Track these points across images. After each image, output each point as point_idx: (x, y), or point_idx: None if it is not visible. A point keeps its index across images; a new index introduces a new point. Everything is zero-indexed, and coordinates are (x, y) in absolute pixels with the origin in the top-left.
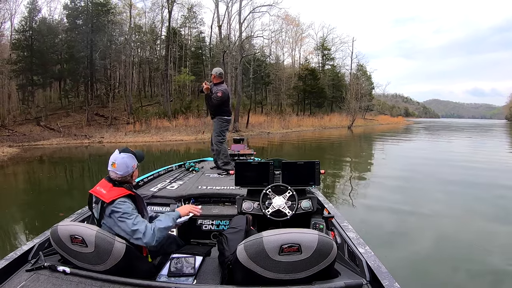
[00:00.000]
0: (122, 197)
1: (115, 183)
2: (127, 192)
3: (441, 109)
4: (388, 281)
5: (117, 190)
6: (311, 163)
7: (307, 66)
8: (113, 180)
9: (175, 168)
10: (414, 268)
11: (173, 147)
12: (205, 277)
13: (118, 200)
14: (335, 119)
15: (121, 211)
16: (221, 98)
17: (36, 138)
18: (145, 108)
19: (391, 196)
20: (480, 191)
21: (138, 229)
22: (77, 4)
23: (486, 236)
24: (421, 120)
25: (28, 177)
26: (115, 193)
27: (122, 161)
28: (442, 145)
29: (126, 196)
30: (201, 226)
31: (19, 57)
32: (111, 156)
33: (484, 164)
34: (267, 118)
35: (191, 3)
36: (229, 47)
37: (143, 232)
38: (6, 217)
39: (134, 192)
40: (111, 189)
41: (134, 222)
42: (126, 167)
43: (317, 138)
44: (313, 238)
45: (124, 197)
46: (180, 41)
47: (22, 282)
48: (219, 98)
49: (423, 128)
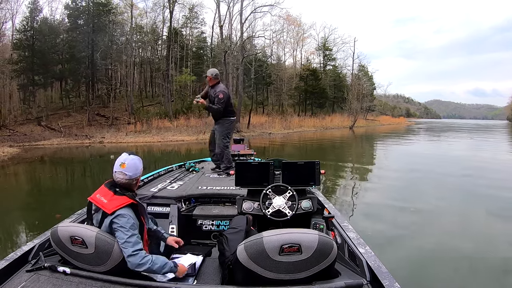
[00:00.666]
0: (124, 207)
1: (116, 191)
2: (129, 201)
3: (443, 109)
4: (389, 281)
5: (119, 199)
6: (311, 163)
7: (309, 66)
8: (114, 187)
9: (175, 169)
10: (413, 268)
11: (174, 148)
12: (205, 278)
13: (119, 211)
14: (337, 119)
15: (119, 223)
16: (223, 101)
17: (37, 138)
18: (146, 108)
19: (394, 197)
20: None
21: (127, 249)
22: (78, 4)
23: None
24: (422, 120)
25: (28, 178)
26: (117, 202)
27: (132, 162)
28: (447, 147)
29: (128, 206)
30: (202, 227)
31: (20, 57)
32: (119, 158)
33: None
34: (269, 118)
35: (193, 3)
36: (231, 47)
37: (128, 254)
38: (4, 218)
39: (136, 201)
40: (113, 198)
41: (127, 240)
42: (136, 169)
43: (318, 139)
44: (313, 238)
45: (126, 207)
46: (181, 41)
47: (22, 282)
48: (221, 101)
49: (425, 129)
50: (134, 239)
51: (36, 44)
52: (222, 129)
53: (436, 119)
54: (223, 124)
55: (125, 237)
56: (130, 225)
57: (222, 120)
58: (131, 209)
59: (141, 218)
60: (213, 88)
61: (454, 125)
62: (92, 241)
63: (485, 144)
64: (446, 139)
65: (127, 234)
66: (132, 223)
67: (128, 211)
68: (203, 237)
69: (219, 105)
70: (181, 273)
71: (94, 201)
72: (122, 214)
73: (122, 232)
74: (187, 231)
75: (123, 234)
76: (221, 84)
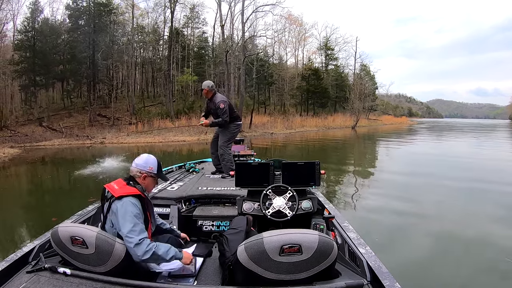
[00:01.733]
0: (131, 196)
1: (129, 183)
2: (138, 193)
3: (445, 109)
4: (389, 281)
5: (129, 188)
6: (311, 164)
7: (310, 66)
8: (128, 180)
9: (176, 169)
10: (414, 268)
11: (175, 148)
12: (205, 278)
13: (126, 198)
14: (339, 119)
15: (123, 210)
16: (225, 110)
17: (38, 138)
18: (147, 109)
19: (399, 202)
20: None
21: (132, 238)
22: (79, 4)
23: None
24: (424, 120)
25: (27, 179)
26: (126, 190)
27: (147, 157)
28: (452, 146)
29: (136, 196)
30: (202, 227)
31: (22, 58)
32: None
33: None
34: (271, 118)
35: (194, 3)
36: (232, 47)
37: (135, 243)
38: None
39: (145, 195)
40: (124, 186)
41: (133, 229)
42: (145, 163)
43: (321, 139)
44: (313, 239)
45: (133, 196)
46: (182, 42)
47: (22, 283)
48: (224, 111)
49: (428, 128)
50: (139, 227)
51: (37, 45)
52: (227, 132)
53: (438, 118)
54: (233, 127)
55: (130, 226)
56: (135, 214)
57: (231, 125)
58: (138, 200)
59: (147, 213)
60: (211, 101)
61: (457, 125)
62: (93, 241)
63: (494, 143)
64: (455, 138)
65: (132, 222)
66: (137, 213)
67: (135, 201)
68: (203, 238)
69: (223, 117)
70: (187, 259)
71: (108, 187)
72: (129, 201)
73: (127, 221)
74: (187, 231)
75: (128, 223)
76: (218, 94)
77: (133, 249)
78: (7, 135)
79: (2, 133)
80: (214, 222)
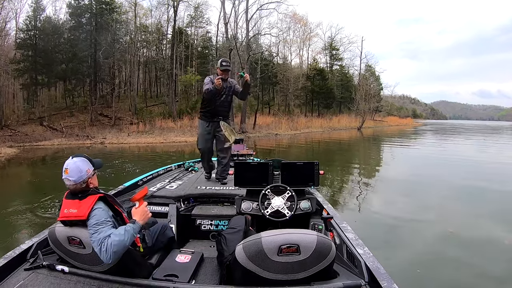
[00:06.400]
0: (96, 203)
1: (79, 197)
2: (97, 196)
3: (449, 110)
4: (387, 282)
5: (87, 201)
6: (310, 164)
7: (315, 66)
8: (74, 195)
9: (174, 168)
10: (413, 269)
11: (176, 148)
12: (203, 277)
13: (93, 208)
14: (344, 120)
15: (93, 221)
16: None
17: (38, 138)
18: (149, 109)
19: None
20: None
21: (96, 247)
22: (80, 2)
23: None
24: (429, 121)
25: (24, 180)
26: (87, 204)
27: (75, 165)
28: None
29: (97, 200)
30: (200, 226)
31: (23, 56)
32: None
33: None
34: (275, 119)
35: (197, 2)
36: (236, 45)
37: (99, 250)
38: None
39: (102, 193)
40: (80, 203)
41: (92, 238)
42: (79, 172)
43: (326, 141)
44: (312, 239)
45: (97, 202)
46: (186, 41)
47: (20, 281)
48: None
49: (435, 130)
50: (105, 229)
51: (39, 44)
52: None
53: (442, 120)
54: (232, 123)
55: (94, 234)
56: (105, 218)
57: (230, 119)
58: (102, 202)
59: (115, 207)
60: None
61: (464, 126)
62: (89, 242)
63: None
64: (464, 141)
65: (96, 231)
66: (106, 217)
67: (100, 204)
68: (201, 237)
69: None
70: (139, 214)
71: (66, 218)
72: (96, 208)
73: (93, 229)
74: (185, 230)
75: (93, 233)
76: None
77: (104, 261)
78: (7, 134)
79: (2, 132)
80: (213, 221)
